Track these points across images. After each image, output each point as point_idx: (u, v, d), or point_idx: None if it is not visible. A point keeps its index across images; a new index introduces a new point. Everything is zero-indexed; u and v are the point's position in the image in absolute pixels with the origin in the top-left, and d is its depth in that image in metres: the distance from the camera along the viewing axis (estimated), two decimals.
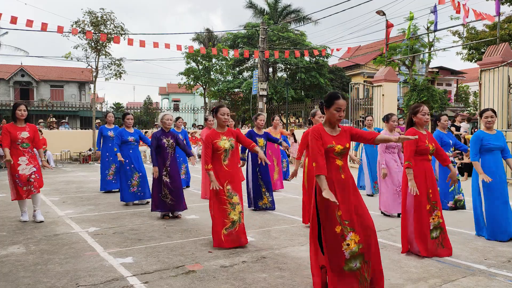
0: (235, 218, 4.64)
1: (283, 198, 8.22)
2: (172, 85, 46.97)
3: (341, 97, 3.38)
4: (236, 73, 30.26)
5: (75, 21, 16.77)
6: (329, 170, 3.31)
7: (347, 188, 3.34)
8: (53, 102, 35.51)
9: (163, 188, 6.10)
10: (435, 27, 14.96)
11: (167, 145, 6.15)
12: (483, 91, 11.51)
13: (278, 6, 31.70)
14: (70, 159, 17.58)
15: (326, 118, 3.46)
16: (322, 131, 3.38)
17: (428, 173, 4.48)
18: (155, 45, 16.41)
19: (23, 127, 5.90)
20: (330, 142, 3.34)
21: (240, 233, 4.68)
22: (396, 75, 16.50)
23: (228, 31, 35.17)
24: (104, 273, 3.78)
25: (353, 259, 3.25)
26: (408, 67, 26.72)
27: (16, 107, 5.89)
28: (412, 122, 4.66)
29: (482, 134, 5.15)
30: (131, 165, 7.40)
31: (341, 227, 3.25)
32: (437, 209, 4.48)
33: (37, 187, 5.89)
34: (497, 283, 3.64)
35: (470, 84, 41.74)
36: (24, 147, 5.85)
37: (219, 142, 4.70)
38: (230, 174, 4.70)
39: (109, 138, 8.74)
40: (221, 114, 4.81)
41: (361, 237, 3.28)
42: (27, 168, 5.82)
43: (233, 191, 4.69)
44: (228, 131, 4.87)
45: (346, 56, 34.04)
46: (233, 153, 4.80)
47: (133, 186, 7.34)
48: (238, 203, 4.69)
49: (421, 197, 4.37)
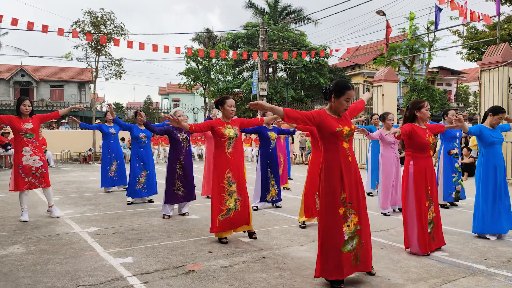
0: (231, 205, 4.76)
1: (283, 198, 8.22)
2: (172, 85, 46.98)
3: (352, 87, 3.50)
4: (236, 73, 30.27)
5: (75, 21, 16.79)
6: (337, 153, 3.44)
7: (353, 171, 3.48)
8: (53, 102, 35.50)
9: (176, 181, 6.21)
10: (435, 26, 14.96)
11: (181, 139, 6.22)
12: (483, 91, 11.52)
13: (278, 6, 31.71)
14: (70, 159, 17.58)
15: (333, 106, 3.53)
16: (327, 115, 3.49)
17: (429, 170, 4.49)
18: (154, 48, 16.39)
19: (27, 119, 5.94)
20: (337, 126, 3.45)
21: (235, 219, 4.78)
22: (396, 75, 16.51)
23: (228, 31, 35.21)
24: (104, 273, 3.78)
25: (351, 240, 3.42)
26: (408, 67, 26.74)
27: (20, 102, 5.93)
28: (412, 118, 4.59)
29: (484, 128, 5.15)
30: (141, 163, 7.42)
31: (344, 208, 3.40)
32: (432, 205, 4.51)
33: (42, 182, 5.94)
34: (497, 283, 3.64)
35: (470, 84, 41.73)
36: (28, 138, 5.87)
37: (223, 129, 4.78)
38: (232, 162, 4.79)
39: (110, 135, 8.80)
40: (228, 105, 4.89)
41: (359, 219, 3.45)
42: (31, 158, 5.85)
43: (232, 179, 4.79)
44: (232, 121, 4.96)
45: (346, 56, 34.04)
46: (237, 141, 4.88)
47: (140, 183, 7.38)
48: (235, 191, 4.79)
49: (421, 194, 4.40)
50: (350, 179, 3.45)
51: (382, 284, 3.60)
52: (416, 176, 4.43)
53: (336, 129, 3.42)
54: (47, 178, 6.06)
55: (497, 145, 5.13)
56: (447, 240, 5.08)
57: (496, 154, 5.10)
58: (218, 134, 4.77)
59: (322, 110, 3.53)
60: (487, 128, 5.16)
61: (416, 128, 4.48)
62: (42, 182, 5.97)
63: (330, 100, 3.53)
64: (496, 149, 5.12)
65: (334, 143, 3.45)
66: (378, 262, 4.17)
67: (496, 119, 5.16)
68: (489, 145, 5.10)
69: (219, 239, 4.86)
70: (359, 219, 3.45)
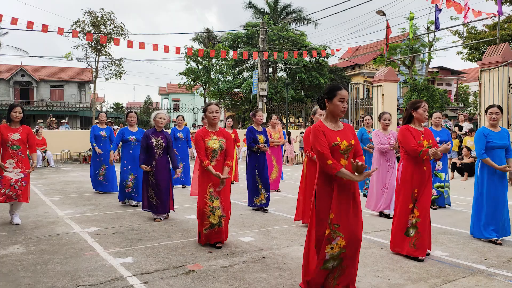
0: (213, 222, 4.58)
1: (283, 198, 8.23)
2: (172, 85, 46.97)
3: (343, 87, 3.25)
4: (236, 73, 30.25)
5: (75, 21, 16.81)
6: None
7: (347, 191, 3.21)
8: (53, 102, 35.52)
9: (149, 188, 5.99)
10: (435, 26, 14.95)
11: (155, 144, 5.91)
12: (483, 91, 11.52)
13: (278, 6, 31.70)
14: (70, 159, 17.58)
15: (329, 112, 3.29)
16: (324, 128, 3.22)
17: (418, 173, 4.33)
18: (154, 48, 16.41)
19: (16, 129, 5.71)
20: (334, 139, 3.16)
21: (219, 232, 4.63)
22: (396, 75, 16.51)
23: (228, 31, 35.19)
24: (104, 273, 3.78)
25: (332, 260, 3.20)
26: (408, 67, 26.73)
27: (11, 108, 5.71)
28: (410, 118, 4.52)
29: (486, 131, 5.04)
30: (128, 166, 7.26)
31: (329, 230, 3.17)
32: (416, 209, 4.33)
33: (19, 196, 5.62)
34: (497, 283, 3.64)
35: (470, 84, 41.72)
36: (13, 149, 5.64)
37: (208, 141, 4.65)
38: (214, 177, 4.59)
39: (101, 138, 8.60)
40: (209, 112, 4.71)
41: (347, 243, 3.18)
42: (13, 171, 5.62)
43: (215, 194, 4.61)
44: (219, 131, 4.79)
45: (346, 56, 34.04)
46: (222, 154, 4.71)
47: (128, 187, 7.23)
48: (219, 207, 4.60)
49: (405, 196, 4.36)
50: (341, 199, 3.16)
51: (382, 284, 3.60)
52: (403, 177, 4.38)
53: (332, 143, 3.14)
54: (26, 192, 5.70)
55: (499, 150, 5.00)
56: (447, 240, 5.09)
57: (497, 158, 4.97)
58: (205, 147, 4.65)
59: (318, 123, 3.28)
60: (490, 130, 5.04)
61: (411, 130, 4.41)
62: (19, 195, 5.62)
63: (325, 107, 3.31)
64: (498, 153, 4.99)
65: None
66: (378, 262, 4.17)
67: (488, 116, 5.03)
68: (489, 150, 4.99)
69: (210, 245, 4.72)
70: (346, 243, 3.16)
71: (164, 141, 5.99)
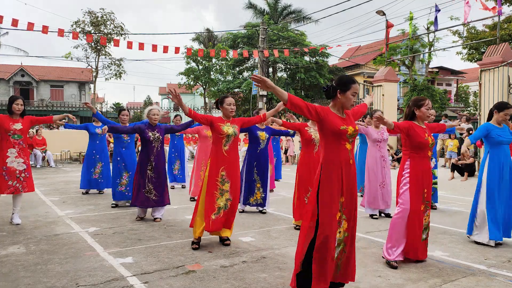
0: (221, 204, 4.66)
1: (282, 198, 8.23)
2: (172, 85, 46.93)
3: (356, 81, 3.35)
4: (236, 73, 30.25)
5: (75, 21, 16.82)
6: (339, 154, 3.24)
7: (352, 175, 3.30)
8: (53, 102, 35.57)
9: (147, 183, 5.93)
10: (435, 26, 14.95)
11: (152, 138, 5.91)
12: (483, 91, 11.53)
13: (278, 6, 31.70)
14: (70, 159, 17.58)
15: (339, 102, 3.33)
16: (331, 112, 3.31)
17: (426, 172, 4.24)
18: (154, 48, 16.39)
19: (17, 119, 5.74)
20: (341, 124, 3.26)
21: (221, 220, 4.64)
22: (396, 75, 16.52)
23: (228, 31, 35.17)
24: (104, 273, 3.78)
25: (338, 246, 3.22)
26: (408, 67, 26.73)
27: (13, 100, 5.73)
28: (411, 116, 4.36)
29: (491, 126, 4.97)
30: (122, 163, 7.19)
31: (340, 213, 3.22)
32: (428, 209, 4.30)
33: (25, 187, 5.68)
34: (497, 283, 3.64)
35: (470, 84, 41.71)
36: (15, 139, 5.67)
37: (223, 126, 4.74)
38: (227, 161, 4.71)
39: (96, 136, 8.50)
40: (227, 104, 4.84)
41: (349, 226, 3.28)
42: (16, 161, 5.65)
43: (226, 178, 4.70)
44: (233, 120, 4.92)
45: (346, 56, 34.05)
46: (235, 140, 4.83)
47: (122, 185, 7.16)
48: (228, 190, 4.71)
49: (417, 196, 4.15)
50: (349, 183, 3.27)
51: (382, 284, 3.60)
52: (412, 177, 4.17)
53: (341, 127, 3.23)
54: (31, 182, 5.78)
55: (505, 145, 4.95)
56: (447, 240, 5.10)
57: (504, 154, 4.92)
58: (216, 130, 4.71)
59: (326, 107, 3.36)
60: (495, 126, 4.96)
61: (415, 126, 4.24)
62: (25, 187, 5.68)
63: (334, 97, 3.33)
64: (504, 149, 4.94)
65: (336, 143, 3.25)
66: (378, 262, 4.17)
67: (502, 115, 4.93)
68: (496, 145, 4.92)
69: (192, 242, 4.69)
70: (348, 227, 3.27)
71: (160, 134, 6.01)
